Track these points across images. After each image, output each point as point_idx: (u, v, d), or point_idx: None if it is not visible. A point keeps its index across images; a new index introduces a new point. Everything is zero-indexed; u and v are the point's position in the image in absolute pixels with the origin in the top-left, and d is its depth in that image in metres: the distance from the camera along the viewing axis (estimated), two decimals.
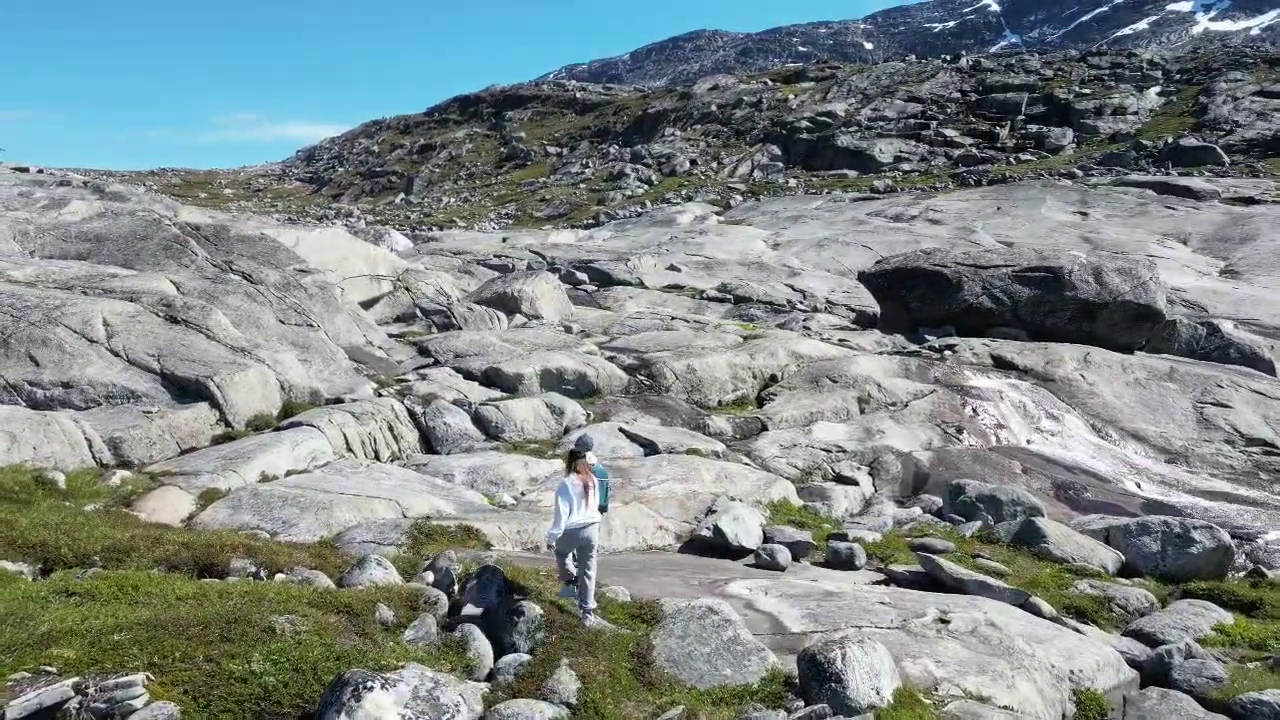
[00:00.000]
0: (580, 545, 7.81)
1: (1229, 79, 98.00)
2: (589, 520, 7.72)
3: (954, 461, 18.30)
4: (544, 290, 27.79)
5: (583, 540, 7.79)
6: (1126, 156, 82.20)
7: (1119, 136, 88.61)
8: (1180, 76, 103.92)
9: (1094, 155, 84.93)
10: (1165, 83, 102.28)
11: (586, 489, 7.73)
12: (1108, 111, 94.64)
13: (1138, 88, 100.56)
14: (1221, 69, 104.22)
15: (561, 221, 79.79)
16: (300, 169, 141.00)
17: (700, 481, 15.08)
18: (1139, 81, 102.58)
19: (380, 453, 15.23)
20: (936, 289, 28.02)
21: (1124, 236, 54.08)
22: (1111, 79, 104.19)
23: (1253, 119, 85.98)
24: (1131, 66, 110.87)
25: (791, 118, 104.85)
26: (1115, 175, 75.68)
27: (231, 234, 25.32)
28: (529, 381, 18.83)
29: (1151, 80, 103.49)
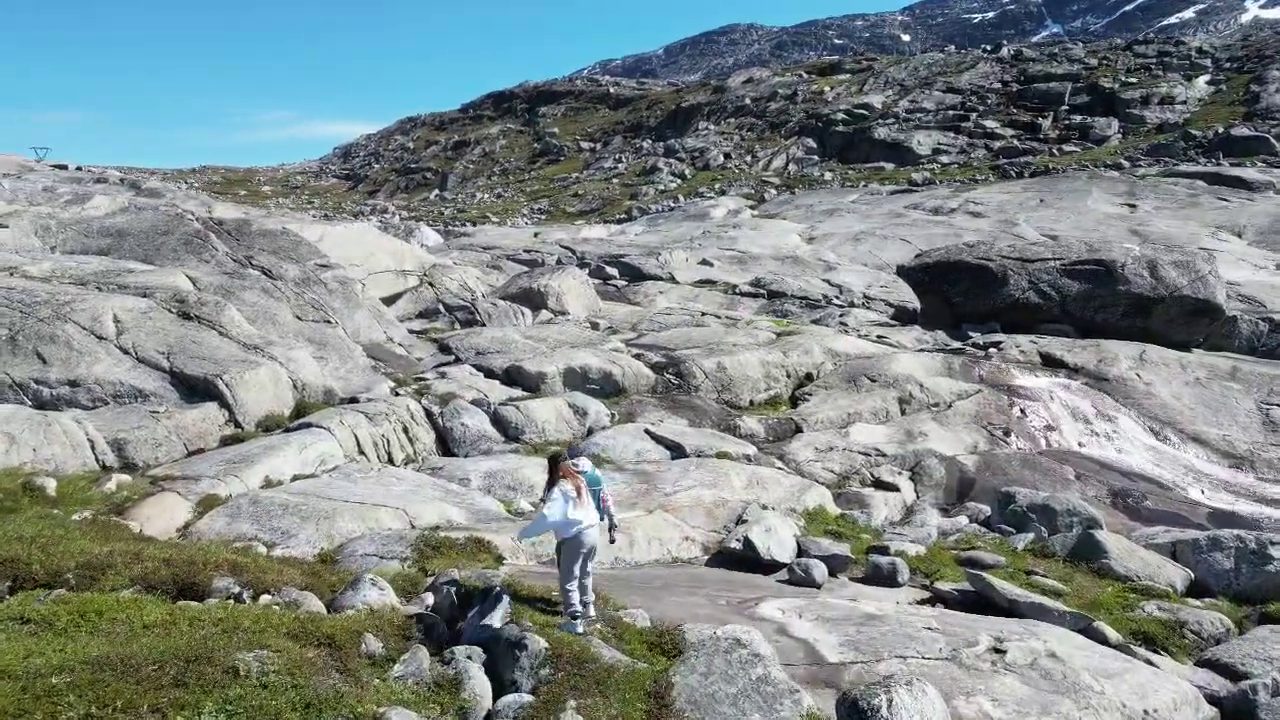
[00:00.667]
0: (586, 549, 7.72)
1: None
2: (591, 521, 7.73)
3: (1001, 466, 17.21)
4: (571, 285, 27.01)
5: (587, 544, 7.71)
6: (1175, 147, 79.57)
7: (1166, 126, 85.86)
8: (1230, 65, 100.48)
9: (1140, 146, 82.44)
10: (1214, 71, 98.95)
11: (579, 490, 7.72)
12: (1154, 101, 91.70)
13: (1186, 77, 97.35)
14: (1274, 56, 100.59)
15: (594, 217, 79.15)
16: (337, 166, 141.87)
17: (730, 487, 14.20)
18: (1187, 70, 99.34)
19: (394, 455, 14.53)
20: (981, 283, 26.80)
21: (1175, 229, 52.12)
22: (1158, 68, 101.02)
23: None
24: (1179, 55, 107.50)
25: (827, 110, 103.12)
26: (1164, 166, 73.24)
27: (254, 228, 24.86)
28: (551, 380, 18.05)
29: (1200, 69, 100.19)
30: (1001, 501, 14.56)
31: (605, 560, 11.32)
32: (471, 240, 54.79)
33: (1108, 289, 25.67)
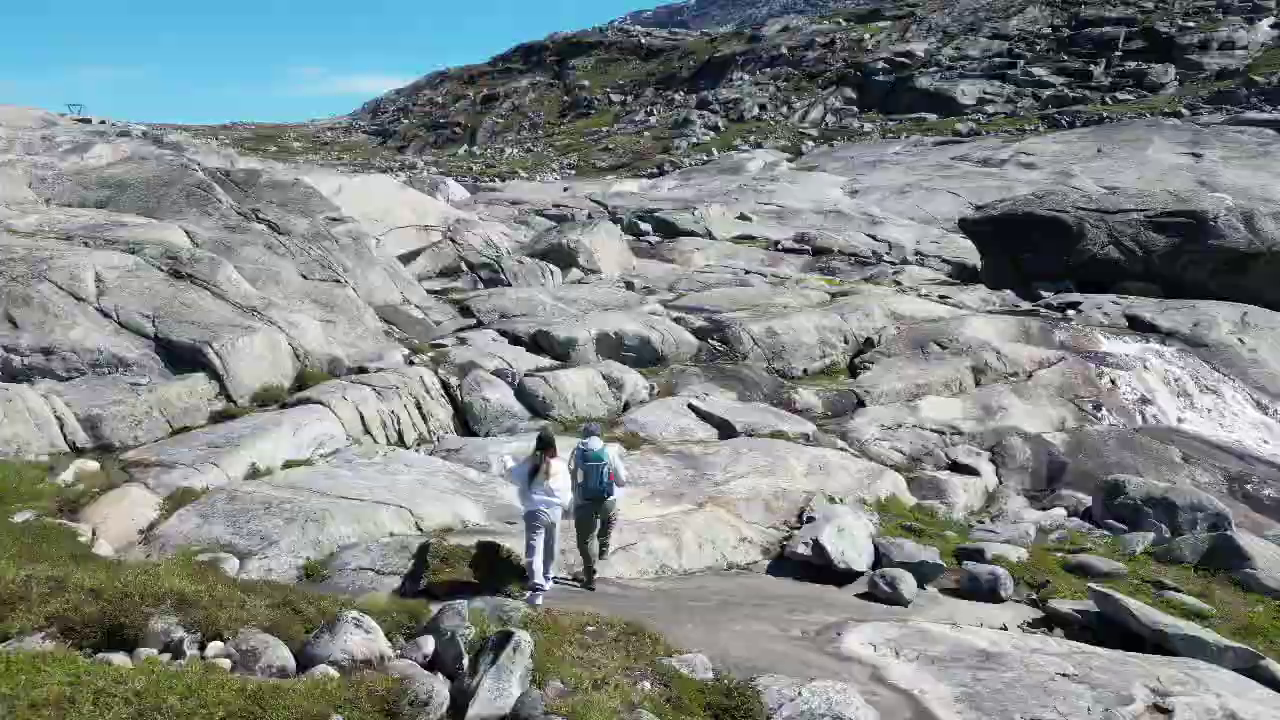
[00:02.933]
0: (542, 527, 8.34)
1: None
2: (551, 502, 8.34)
3: (1095, 446, 15.12)
4: (603, 242, 24.98)
5: (543, 521, 8.34)
6: (1237, 94, 75.16)
7: (1226, 73, 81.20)
8: None
9: (1200, 94, 78.05)
10: (1279, 13, 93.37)
11: (536, 470, 8.43)
12: (1214, 46, 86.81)
13: (1248, 20, 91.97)
14: None
15: (625, 171, 76.98)
16: (366, 122, 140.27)
17: (789, 474, 12.28)
18: (1249, 13, 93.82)
19: (405, 434, 12.76)
20: (1053, 238, 24.38)
21: (1246, 180, 48.86)
22: (1218, 10, 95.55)
23: None
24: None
25: (867, 59, 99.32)
26: (1227, 114, 69.05)
27: (262, 180, 23.03)
28: (583, 347, 16.15)
29: (1264, 11, 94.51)
30: (1107, 492, 12.52)
31: (649, 569, 9.51)
32: (499, 195, 52.92)
33: (1199, 243, 23.19)
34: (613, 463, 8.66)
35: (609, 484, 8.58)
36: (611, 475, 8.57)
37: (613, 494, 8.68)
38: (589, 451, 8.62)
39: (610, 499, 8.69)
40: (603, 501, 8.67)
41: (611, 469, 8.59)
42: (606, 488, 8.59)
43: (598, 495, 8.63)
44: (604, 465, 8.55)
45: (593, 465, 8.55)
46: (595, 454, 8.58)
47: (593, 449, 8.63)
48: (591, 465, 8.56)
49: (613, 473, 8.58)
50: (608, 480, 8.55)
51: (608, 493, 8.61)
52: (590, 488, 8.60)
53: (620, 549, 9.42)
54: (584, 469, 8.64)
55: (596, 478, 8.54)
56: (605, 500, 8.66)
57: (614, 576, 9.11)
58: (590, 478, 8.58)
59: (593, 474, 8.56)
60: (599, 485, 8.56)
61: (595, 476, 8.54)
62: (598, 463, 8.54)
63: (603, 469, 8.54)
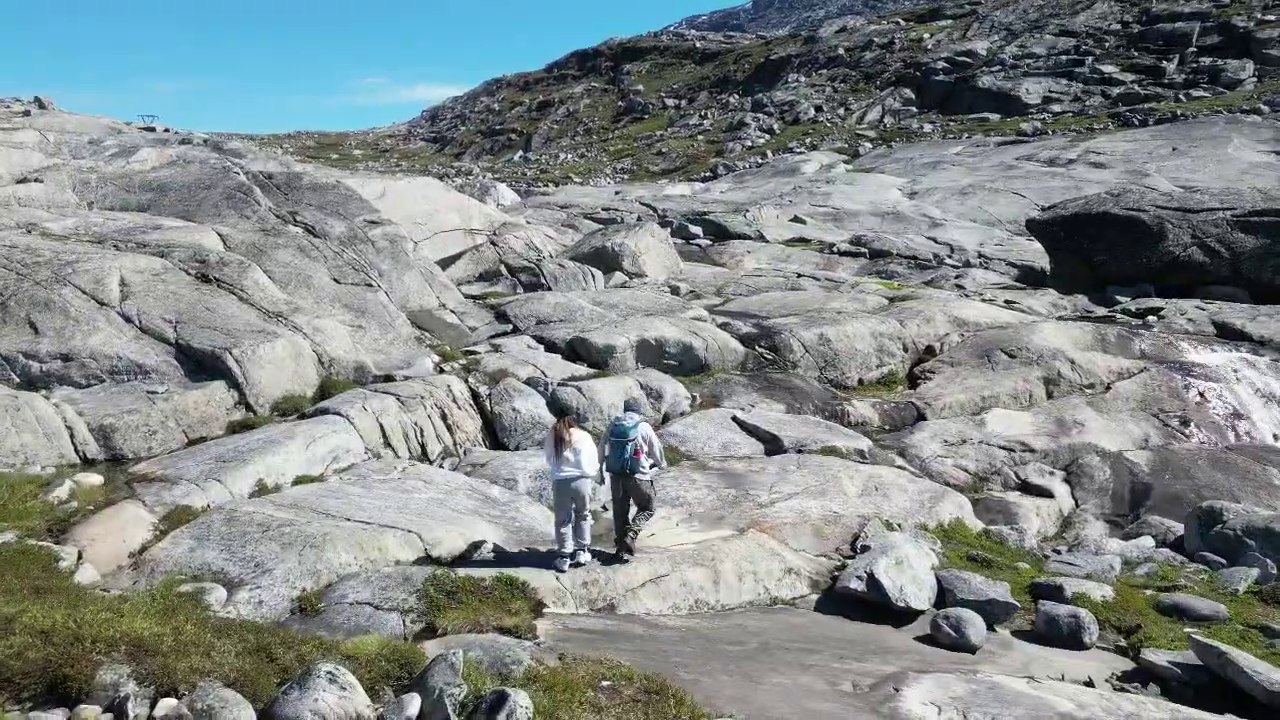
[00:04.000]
0: (568, 496, 8.51)
1: None
2: (572, 473, 8.47)
3: (1183, 467, 13.72)
4: (648, 244, 24.08)
5: (566, 491, 8.52)
6: None
7: None
8: None
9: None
10: None
11: (560, 441, 8.56)
12: None
13: None
14: None
15: (678, 175, 76.29)
16: (425, 129, 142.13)
17: (841, 495, 11.22)
18: None
19: (428, 447, 12.00)
20: (1130, 239, 22.76)
21: None
22: None
23: None
24: None
25: (926, 59, 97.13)
26: None
27: (304, 182, 22.69)
28: (621, 354, 15.26)
29: None
30: (1202, 520, 11.19)
31: (682, 604, 8.56)
32: (549, 199, 52.53)
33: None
34: (640, 440, 8.54)
35: (632, 460, 8.49)
36: (637, 453, 8.48)
37: (638, 471, 8.56)
38: (617, 426, 8.64)
39: (637, 477, 8.56)
40: (627, 478, 8.58)
41: (637, 446, 8.49)
42: (629, 464, 8.51)
43: (619, 471, 8.59)
44: (627, 441, 8.48)
45: (617, 441, 8.52)
46: (622, 429, 8.55)
47: (623, 424, 8.60)
48: (616, 440, 8.54)
49: (638, 450, 8.49)
50: (631, 457, 8.47)
51: (630, 469, 8.52)
52: (612, 463, 8.61)
53: (650, 581, 8.51)
54: (610, 443, 8.64)
55: (618, 453, 8.52)
56: (630, 477, 8.56)
57: (642, 613, 8.19)
58: (614, 453, 8.57)
59: (616, 449, 8.54)
60: (620, 461, 8.52)
61: (617, 452, 8.51)
62: (621, 438, 8.50)
63: (625, 444, 8.48)
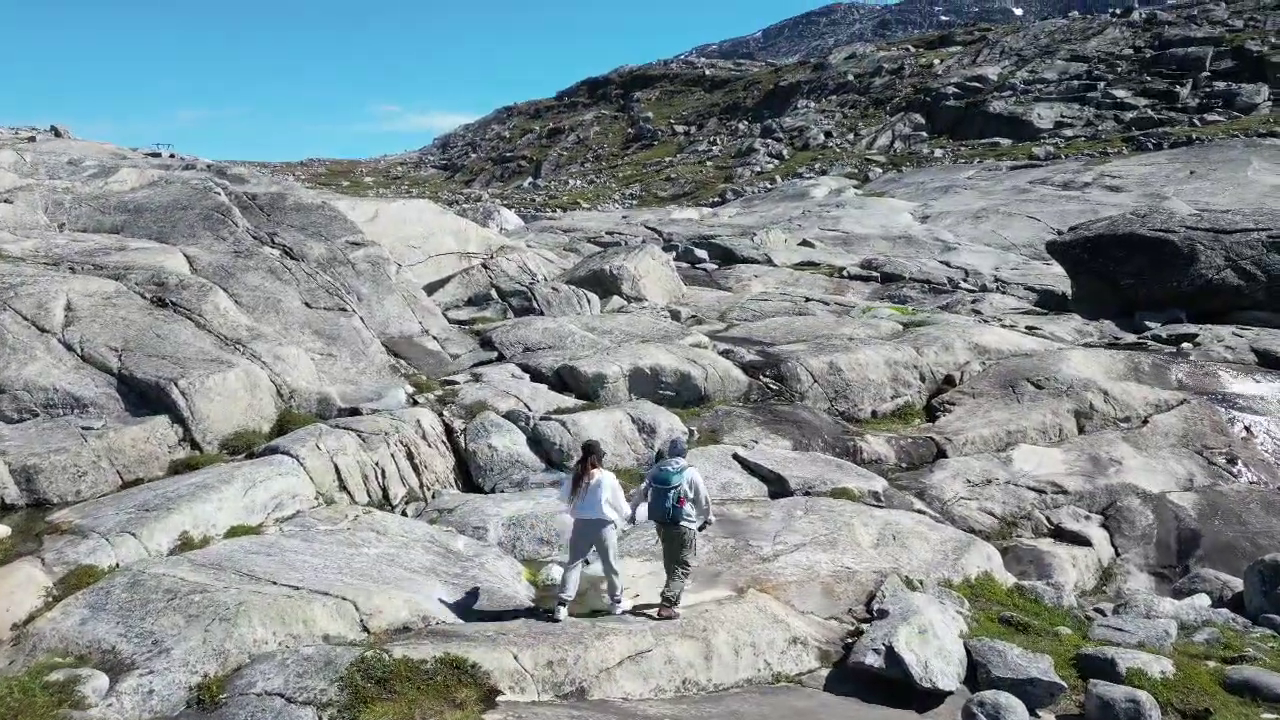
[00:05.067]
0: (581, 538, 8.02)
1: None
2: (587, 516, 7.94)
3: (1234, 511, 12.34)
4: (649, 267, 22.90)
5: (580, 533, 8.01)
6: None
7: None
8: None
9: None
10: None
11: (578, 481, 8.09)
12: None
13: None
14: None
15: (686, 200, 75.77)
16: (435, 156, 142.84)
17: (855, 546, 9.90)
18: None
19: (391, 490, 10.76)
20: (1159, 261, 21.47)
21: None
22: None
23: None
24: None
25: (936, 84, 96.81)
26: None
27: (288, 203, 21.65)
28: (613, 385, 14.01)
29: None
30: (1265, 575, 9.81)
31: (667, 685, 7.25)
32: (553, 223, 51.72)
33: None
34: (686, 487, 7.92)
35: (676, 510, 7.88)
36: (681, 501, 7.88)
37: (683, 522, 7.93)
38: (661, 472, 8.03)
39: (682, 527, 7.93)
40: (669, 528, 8.00)
41: (681, 494, 7.89)
42: (671, 514, 7.90)
43: (661, 520, 8.03)
44: (670, 489, 7.89)
45: (659, 488, 7.95)
46: (665, 475, 7.97)
47: (667, 470, 7.99)
48: (658, 488, 7.96)
49: (682, 498, 7.88)
50: (674, 505, 7.87)
51: (673, 520, 7.92)
52: (654, 512, 8.06)
53: (629, 658, 7.19)
54: (652, 490, 8.06)
55: (660, 501, 7.95)
56: (673, 528, 7.96)
57: (619, 698, 6.88)
58: (655, 500, 8.01)
59: (658, 497, 7.97)
60: (662, 512, 7.95)
61: (659, 500, 7.95)
62: (664, 485, 7.91)
63: (668, 492, 7.89)
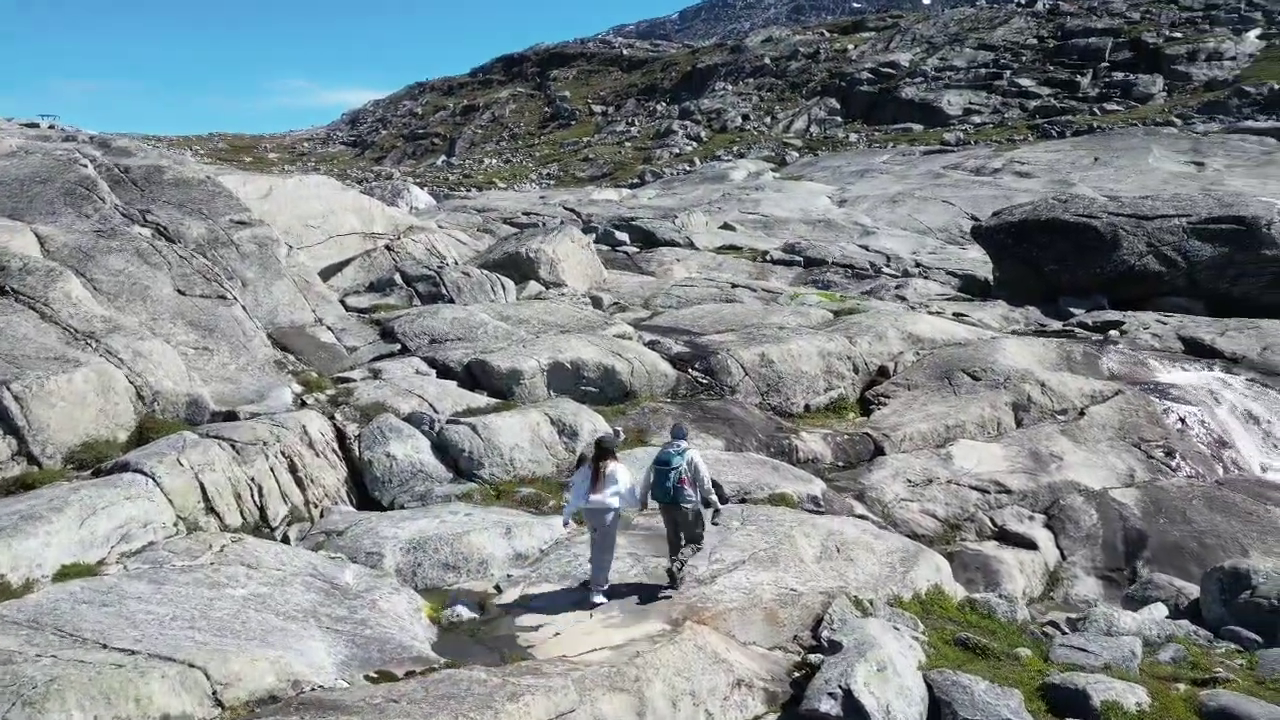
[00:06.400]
0: (594, 526, 8.36)
1: None
2: (597, 506, 8.24)
3: (1178, 508, 11.92)
4: (568, 250, 21.63)
5: (594, 522, 8.34)
6: (1228, 104, 73.53)
7: (1215, 84, 79.76)
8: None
9: (1190, 104, 76.40)
10: (1266, 24, 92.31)
11: (596, 477, 8.32)
12: (1201, 57, 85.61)
13: (1235, 30, 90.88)
14: None
15: (605, 181, 74.68)
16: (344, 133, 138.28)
17: (797, 563, 8.96)
18: (1236, 24, 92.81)
19: (270, 511, 9.33)
20: (1082, 247, 21.31)
21: (1254, 188, 46.56)
22: (1205, 21, 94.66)
23: None
24: (1228, 7, 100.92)
25: (851, 69, 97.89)
26: (1222, 124, 67.13)
27: (166, 176, 19.58)
28: (530, 381, 12.79)
29: (1250, 22, 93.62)
30: (1225, 584, 9.28)
31: None
32: (467, 203, 49.81)
33: (1249, 253, 20.24)
34: (685, 468, 8.23)
35: (677, 490, 8.19)
36: (681, 481, 8.20)
37: (686, 502, 8.25)
38: (662, 454, 8.38)
39: (686, 507, 8.27)
40: (672, 508, 8.32)
41: (681, 475, 8.20)
42: (671, 494, 8.22)
43: (662, 500, 8.32)
44: (670, 470, 8.21)
45: (660, 469, 8.27)
46: (666, 456, 8.31)
47: (668, 452, 8.35)
48: (660, 469, 8.28)
49: (682, 479, 8.20)
50: (675, 486, 8.19)
51: (676, 500, 8.24)
52: (657, 493, 8.33)
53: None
54: (654, 471, 8.33)
55: (661, 482, 8.26)
56: (676, 507, 8.29)
57: None
58: (657, 482, 8.29)
59: (659, 478, 8.27)
60: (663, 492, 8.25)
61: (660, 481, 8.26)
62: (665, 466, 8.24)
63: (669, 473, 8.21)
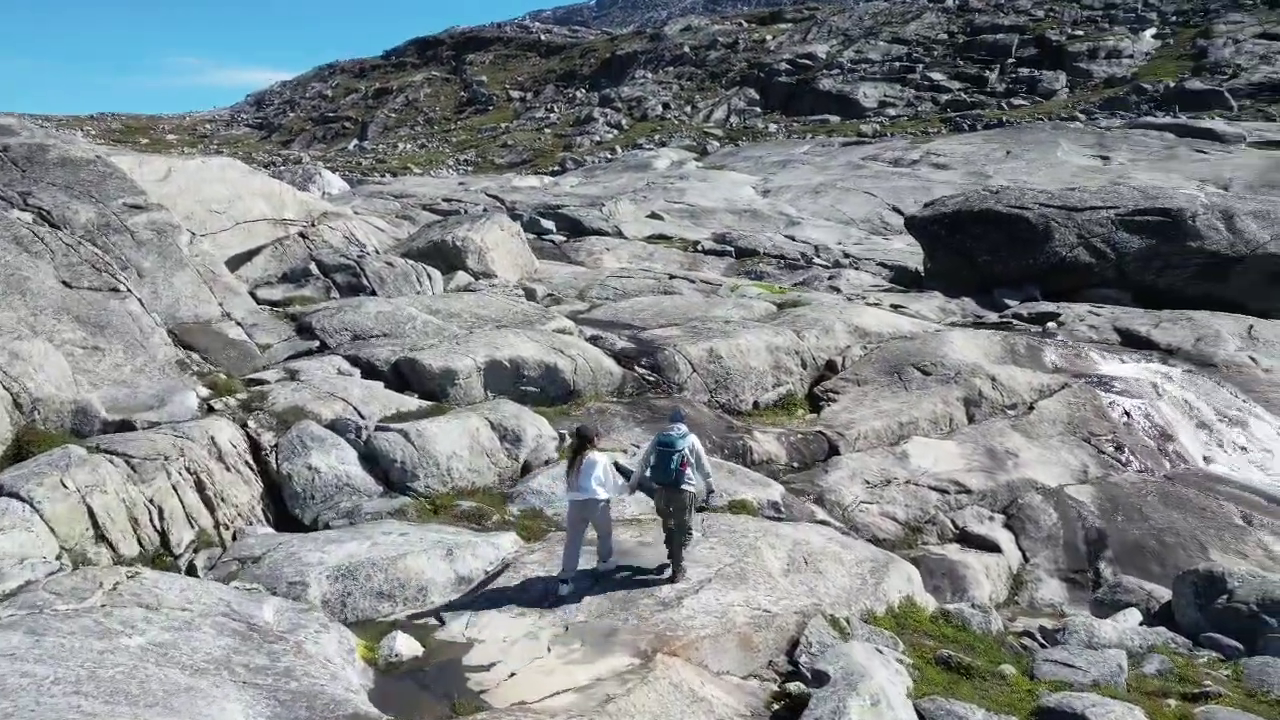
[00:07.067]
0: (577, 517, 8.38)
1: (1229, 21, 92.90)
2: (581, 496, 8.25)
3: (1134, 505, 11.74)
4: (497, 239, 20.54)
5: (575, 513, 8.38)
6: (1128, 100, 76.74)
7: (1114, 80, 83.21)
8: (1176, 18, 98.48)
9: (1091, 100, 79.49)
10: (1160, 24, 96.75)
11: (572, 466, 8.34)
12: (1101, 54, 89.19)
13: (1132, 30, 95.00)
14: (1220, 10, 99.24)
15: (525, 168, 73.47)
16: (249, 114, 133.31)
17: (766, 578, 8.30)
18: (1133, 23, 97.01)
19: (173, 537, 8.18)
20: (1015, 238, 21.34)
21: (1158, 181, 48.24)
22: (1105, 20, 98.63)
23: (1256, 62, 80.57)
24: (1125, 7, 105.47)
25: (769, 60, 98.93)
26: (1122, 119, 69.88)
27: (50, 156, 17.73)
28: (465, 382, 11.79)
29: (1146, 22, 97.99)
30: (1199, 588, 9.01)
31: None
32: (383, 188, 47.91)
33: (1176, 245, 20.53)
34: (688, 453, 8.19)
35: (679, 472, 8.12)
36: (684, 464, 8.14)
37: (688, 485, 8.19)
38: (664, 436, 8.31)
39: (687, 490, 8.19)
40: (672, 491, 8.18)
41: (684, 458, 8.15)
42: (674, 476, 8.13)
43: (664, 483, 8.20)
44: (674, 453, 8.14)
45: (664, 451, 8.19)
46: (669, 439, 8.23)
47: (670, 435, 8.28)
48: (663, 451, 8.20)
49: (685, 462, 8.15)
50: (678, 468, 8.12)
51: (677, 483, 8.15)
52: (659, 475, 8.21)
53: None
54: (656, 453, 8.27)
55: (665, 465, 8.17)
56: (675, 491, 8.17)
57: None
58: (660, 464, 8.20)
59: (662, 460, 8.19)
60: (666, 474, 8.15)
61: (664, 463, 8.18)
62: (668, 449, 8.17)
63: (672, 456, 8.14)
